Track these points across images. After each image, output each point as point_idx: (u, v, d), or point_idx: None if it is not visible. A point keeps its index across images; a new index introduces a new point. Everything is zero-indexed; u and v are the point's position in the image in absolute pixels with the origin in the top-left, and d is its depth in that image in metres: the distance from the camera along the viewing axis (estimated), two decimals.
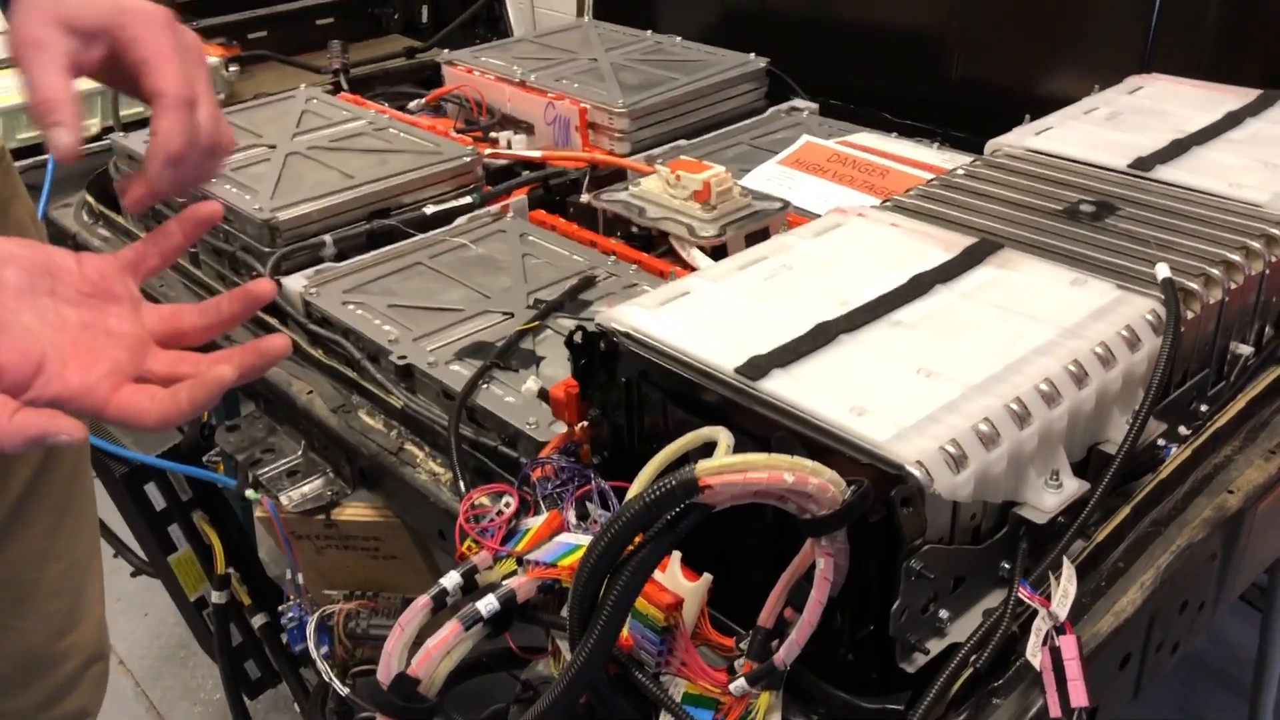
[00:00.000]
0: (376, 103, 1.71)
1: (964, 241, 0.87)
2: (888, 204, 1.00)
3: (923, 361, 0.72)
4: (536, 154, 1.50)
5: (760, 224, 1.24)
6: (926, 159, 1.42)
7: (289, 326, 1.18)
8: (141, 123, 1.93)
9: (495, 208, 1.36)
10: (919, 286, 0.80)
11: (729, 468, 0.55)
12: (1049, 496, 0.70)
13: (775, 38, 1.88)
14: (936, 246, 0.87)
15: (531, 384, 0.89)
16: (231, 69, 2.31)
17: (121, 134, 1.51)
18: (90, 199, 1.49)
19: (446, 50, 1.84)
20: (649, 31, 1.88)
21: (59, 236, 1.47)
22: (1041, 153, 1.08)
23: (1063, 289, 0.81)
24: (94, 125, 1.99)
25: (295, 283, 1.18)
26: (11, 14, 0.68)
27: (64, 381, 0.61)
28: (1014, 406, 0.68)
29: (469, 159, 1.40)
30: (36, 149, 1.88)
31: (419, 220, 1.32)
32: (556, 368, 1.00)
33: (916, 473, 0.62)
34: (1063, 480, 0.71)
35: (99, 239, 1.44)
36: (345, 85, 1.87)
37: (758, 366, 0.70)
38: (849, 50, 1.84)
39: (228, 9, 2.75)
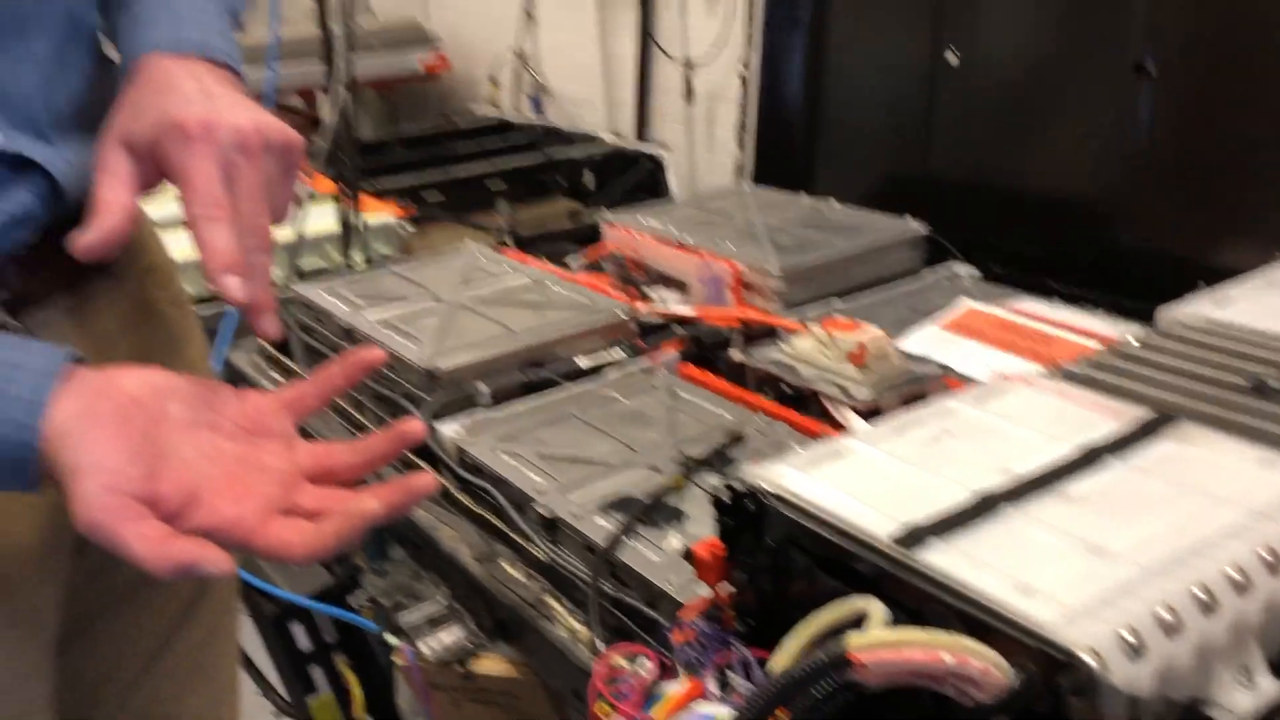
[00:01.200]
0: (538, 259, 1.76)
1: (1137, 413, 0.82)
2: (1054, 372, 0.96)
3: (1095, 539, 0.67)
4: (689, 310, 1.52)
5: (918, 388, 1.20)
6: (1093, 327, 1.37)
7: (441, 472, 1.19)
8: (316, 271, 2.05)
9: (646, 362, 1.37)
10: (1089, 459, 0.76)
11: (883, 644, 0.51)
12: (1242, 697, 0.63)
13: (934, 201, 1.88)
14: (1107, 417, 0.82)
15: (675, 542, 0.87)
16: (407, 228, 2.44)
17: (299, 284, 1.60)
18: (264, 343, 1.57)
19: (607, 212, 1.90)
20: (806, 196, 1.90)
21: (233, 378, 1.55)
22: (1222, 323, 1.02)
23: (1250, 468, 0.75)
24: (274, 275, 2.11)
25: (450, 429, 1.20)
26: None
27: (217, 512, 0.62)
28: (1199, 593, 0.62)
29: (623, 314, 1.42)
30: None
31: (572, 372, 1.34)
32: (702, 526, 0.97)
33: (1090, 660, 0.56)
34: (1257, 679, 0.64)
35: (269, 382, 1.51)
36: (510, 243, 1.94)
37: (915, 535, 0.67)
38: (1011, 214, 1.82)
39: (407, 174, 2.93)
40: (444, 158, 3.20)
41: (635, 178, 2.89)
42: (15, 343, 0.63)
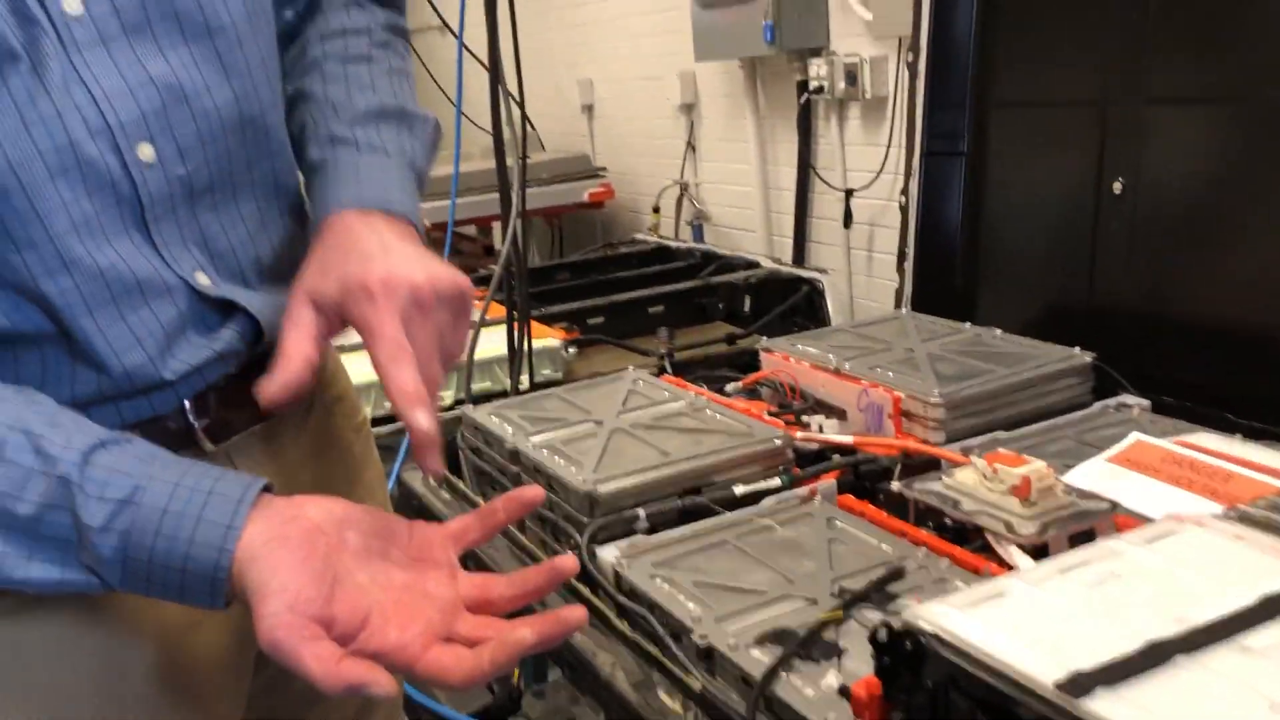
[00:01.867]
0: (696, 385, 1.80)
1: None
2: (1232, 513, 0.92)
3: (1276, 695, 0.64)
4: (848, 439, 1.51)
5: (1085, 525, 1.17)
6: (1274, 464, 1.31)
7: (599, 596, 1.22)
8: (488, 396, 2.13)
9: (804, 490, 1.37)
10: (1271, 609, 0.73)
11: None
12: None
13: (1102, 330, 1.83)
14: None
15: (832, 679, 0.86)
16: (570, 350, 2.52)
17: (470, 406, 1.67)
18: None
19: (765, 338, 1.93)
20: (968, 324, 1.89)
21: (407, 496, 1.62)
22: None
23: None
24: (448, 397, 2.22)
25: (609, 553, 1.23)
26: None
27: (384, 637, 0.67)
28: None
29: (779, 442, 1.43)
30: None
31: (729, 499, 1.35)
32: (859, 663, 0.96)
33: None
34: None
35: (441, 502, 1.58)
36: (669, 368, 1.98)
37: (1081, 683, 0.65)
38: (1184, 343, 1.76)
39: (572, 299, 3.04)
40: (606, 283, 3.31)
41: (793, 302, 2.92)
42: (214, 472, 0.70)
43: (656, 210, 4.47)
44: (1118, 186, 1.86)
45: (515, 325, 2.23)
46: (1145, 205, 1.84)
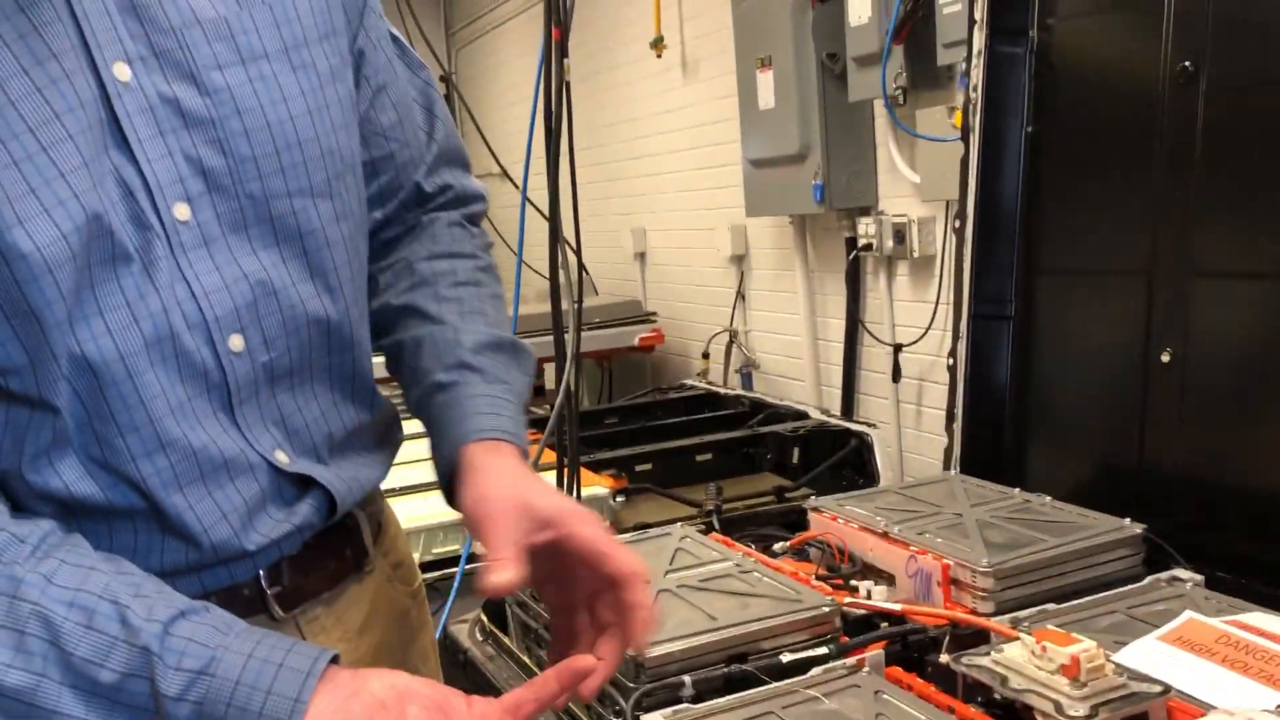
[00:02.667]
0: (743, 544, 1.81)
1: None
2: None
3: None
4: (896, 607, 1.51)
5: (1137, 708, 1.15)
6: None
7: None
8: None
9: (851, 660, 1.36)
10: None
11: None
12: None
13: (1153, 498, 1.83)
14: None
15: None
16: (618, 499, 2.54)
17: None
18: (484, 618, 1.65)
19: (813, 496, 1.94)
20: (1017, 490, 1.89)
21: (452, 649, 1.63)
22: None
23: None
24: None
25: None
26: (469, 485, 0.84)
27: None
28: None
29: (827, 609, 1.43)
30: (445, 563, 2.13)
31: (775, 668, 1.35)
32: None
33: None
34: None
35: (485, 655, 1.59)
36: (717, 525, 1.99)
37: None
38: (1240, 516, 1.74)
39: (621, 444, 3.08)
40: (655, 429, 3.35)
41: (842, 456, 2.93)
42: (285, 643, 0.73)
43: (706, 356, 4.54)
44: (1166, 356, 1.88)
45: (565, 473, 2.26)
46: (1194, 375, 1.85)
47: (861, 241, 3.36)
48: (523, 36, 6.49)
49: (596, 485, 2.56)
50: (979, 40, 2.20)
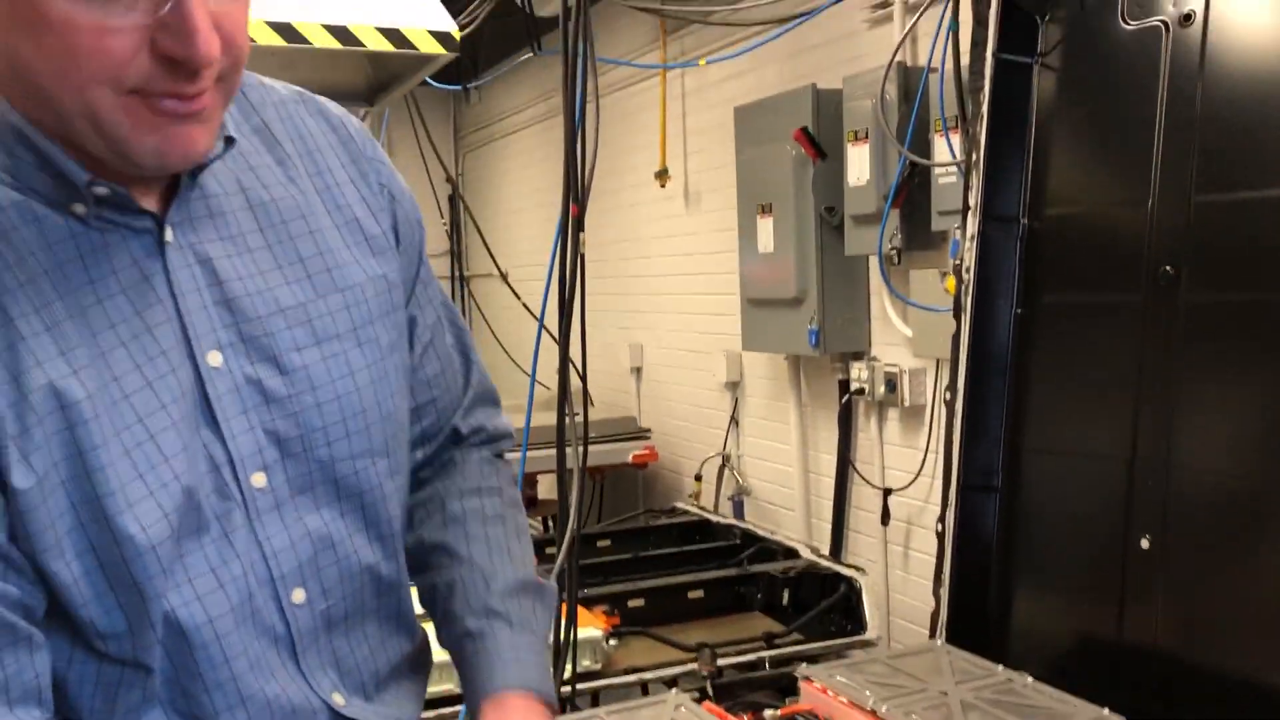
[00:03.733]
0: (735, 714, 1.87)
1: None
2: None
3: None
4: None
5: None
6: None
7: None
8: None
9: None
10: None
11: None
12: None
13: (1133, 675, 1.90)
14: None
15: None
16: (611, 642, 2.60)
17: None
18: None
19: (805, 664, 2.00)
20: (1000, 666, 1.96)
21: None
22: None
23: None
24: None
25: None
26: None
27: None
28: None
29: None
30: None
31: None
32: None
33: None
34: None
35: None
36: (710, 691, 2.05)
37: None
38: (1217, 696, 1.82)
39: (613, 573, 3.14)
40: (648, 560, 3.41)
41: (831, 602, 2.99)
42: None
43: (699, 479, 4.61)
44: (1145, 543, 1.97)
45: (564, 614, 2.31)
46: (1174, 563, 1.94)
47: (854, 385, 3.47)
48: (527, 149, 6.69)
49: (590, 626, 2.62)
50: (972, 225, 2.33)
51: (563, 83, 2.13)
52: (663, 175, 4.72)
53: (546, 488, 4.95)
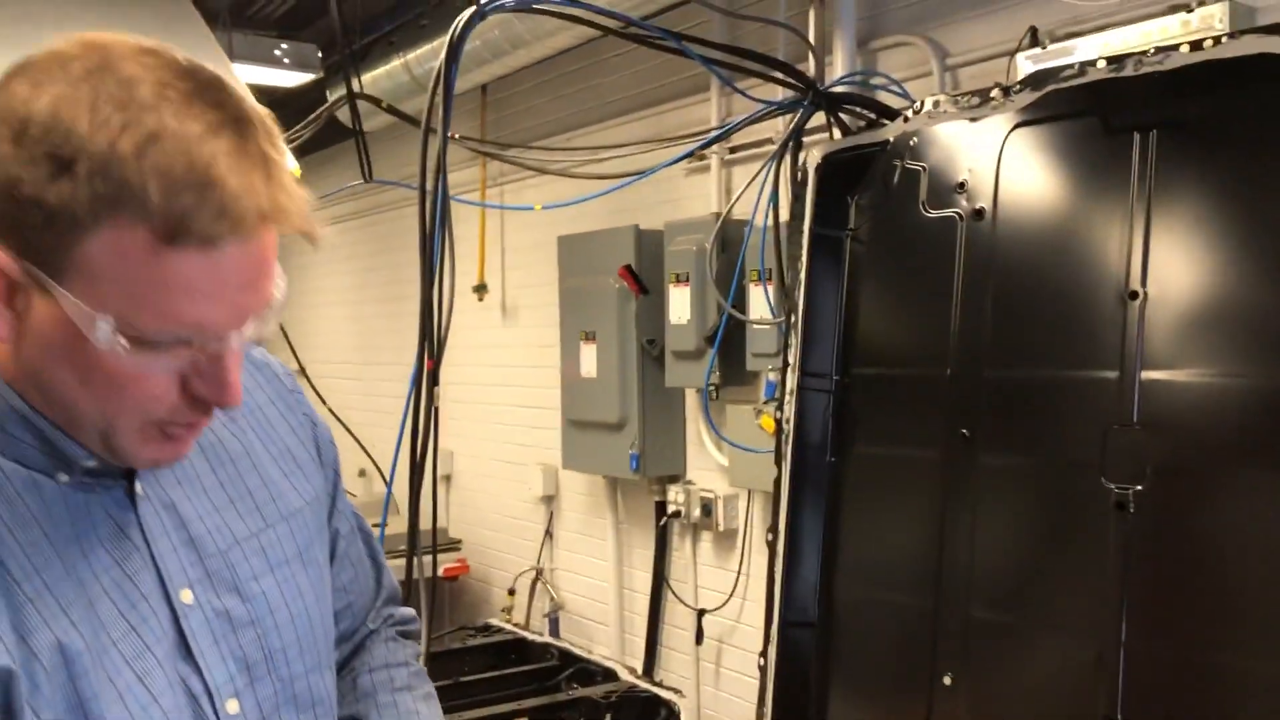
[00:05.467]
0: None
1: None
2: None
3: None
4: None
5: None
6: None
7: None
8: None
9: None
10: None
11: None
12: None
13: None
14: None
15: None
16: None
17: None
18: None
19: None
20: None
21: None
22: None
23: None
24: None
25: None
26: None
27: None
28: None
29: None
30: None
31: None
32: None
33: None
34: None
35: None
36: None
37: None
38: None
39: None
40: (467, 685, 3.41)
41: None
42: None
43: (511, 593, 4.64)
44: (948, 679, 2.18)
45: None
46: (974, 695, 2.15)
47: (670, 508, 3.62)
48: (333, 246, 6.63)
49: None
50: (791, 380, 2.53)
51: (420, 236, 2.21)
52: (481, 289, 4.81)
53: None
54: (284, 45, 4.28)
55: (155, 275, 0.76)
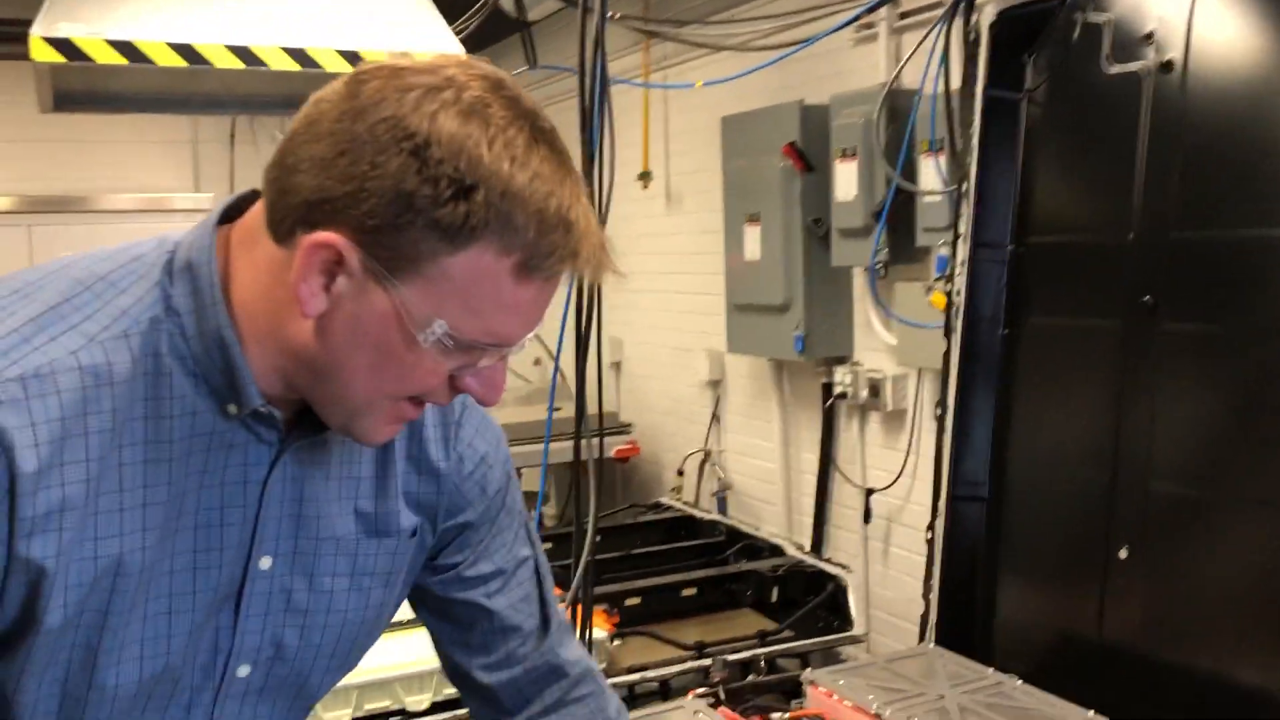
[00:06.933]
0: (747, 716, 2.00)
1: None
2: None
3: None
4: None
5: None
6: None
7: None
8: None
9: None
10: None
11: None
12: None
13: (1111, 675, 2.06)
14: None
15: None
16: (615, 643, 2.72)
17: None
18: None
19: (809, 669, 2.14)
20: (990, 669, 2.11)
21: None
22: None
23: None
24: None
25: None
26: None
27: None
28: None
29: None
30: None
31: None
32: None
33: None
34: None
35: None
36: (723, 696, 2.18)
37: None
38: (1186, 694, 1.98)
39: (605, 571, 3.26)
40: (638, 557, 3.53)
41: (819, 598, 3.14)
42: None
43: (680, 474, 4.73)
44: (1124, 553, 2.13)
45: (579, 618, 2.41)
46: (1150, 568, 2.10)
47: (837, 389, 3.60)
48: None
49: (597, 627, 2.74)
50: (963, 251, 2.47)
51: (580, 116, 2.22)
52: (645, 178, 4.81)
53: (525, 481, 5.05)
54: None
55: (502, 297, 0.83)
